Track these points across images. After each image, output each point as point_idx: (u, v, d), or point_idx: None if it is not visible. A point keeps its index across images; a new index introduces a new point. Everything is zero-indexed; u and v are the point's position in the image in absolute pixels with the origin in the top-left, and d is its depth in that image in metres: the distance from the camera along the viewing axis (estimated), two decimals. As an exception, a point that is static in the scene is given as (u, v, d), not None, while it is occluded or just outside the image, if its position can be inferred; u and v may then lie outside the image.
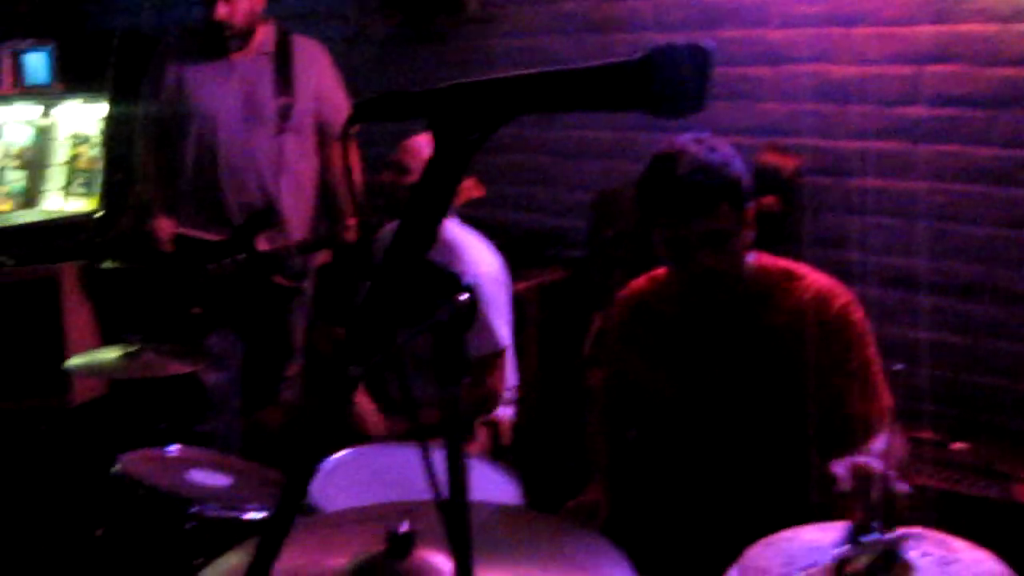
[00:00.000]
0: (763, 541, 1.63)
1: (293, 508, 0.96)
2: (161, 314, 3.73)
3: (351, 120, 0.92)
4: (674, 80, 0.80)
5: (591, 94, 0.85)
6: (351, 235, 3.55)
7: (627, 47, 3.76)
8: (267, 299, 3.71)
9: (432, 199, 0.89)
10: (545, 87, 0.85)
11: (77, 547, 3.27)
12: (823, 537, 1.65)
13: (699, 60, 0.80)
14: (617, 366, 2.42)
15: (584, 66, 0.83)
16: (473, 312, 0.90)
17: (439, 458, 1.04)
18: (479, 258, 2.91)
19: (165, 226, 3.63)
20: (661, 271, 2.34)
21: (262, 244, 3.59)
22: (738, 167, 2.09)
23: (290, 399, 3.82)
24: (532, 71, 0.85)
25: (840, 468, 1.65)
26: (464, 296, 0.89)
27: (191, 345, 3.35)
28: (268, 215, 3.62)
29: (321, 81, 3.71)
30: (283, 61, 3.64)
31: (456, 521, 0.98)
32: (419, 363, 1.78)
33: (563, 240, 4.05)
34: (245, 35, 3.61)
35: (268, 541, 0.97)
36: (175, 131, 3.67)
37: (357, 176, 3.74)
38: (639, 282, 2.38)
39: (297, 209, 3.71)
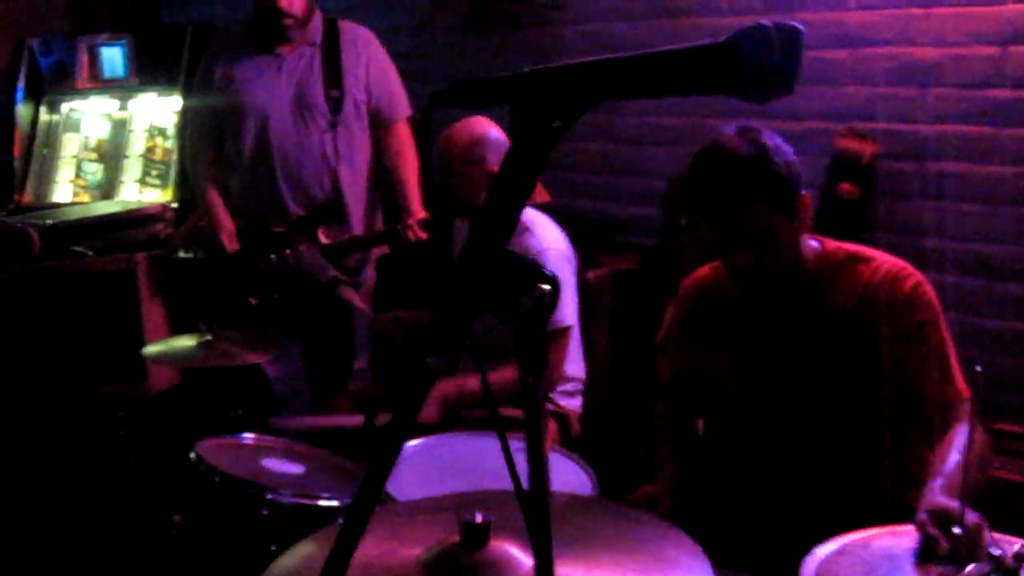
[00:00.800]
0: (836, 547, 1.59)
1: (372, 498, 0.95)
2: (226, 305, 3.78)
3: (430, 107, 0.91)
4: (763, 63, 0.77)
5: (678, 78, 0.83)
6: (415, 233, 3.51)
7: (699, 32, 3.71)
8: (326, 294, 3.73)
9: (512, 187, 0.87)
10: (631, 72, 0.83)
11: (154, 532, 3.33)
12: (897, 544, 1.60)
13: (789, 41, 0.78)
14: (683, 356, 2.39)
15: (671, 49, 0.81)
16: (554, 303, 0.88)
17: (516, 449, 1.03)
18: (547, 235, 2.89)
19: (228, 227, 3.66)
20: None
21: (323, 237, 3.60)
22: (781, 159, 2.01)
23: (357, 390, 3.85)
24: (617, 55, 0.83)
25: (922, 514, 1.61)
26: (546, 286, 0.87)
27: (263, 335, 3.39)
28: (330, 209, 3.63)
29: (371, 69, 3.66)
30: (331, 51, 3.60)
31: (537, 513, 0.97)
32: (497, 353, 1.77)
33: (635, 228, 4.02)
34: (303, 24, 3.58)
35: (348, 531, 0.96)
36: (228, 128, 3.68)
37: (413, 165, 3.69)
38: (703, 271, 2.35)
39: (356, 202, 3.69)
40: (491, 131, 2.93)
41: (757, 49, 0.77)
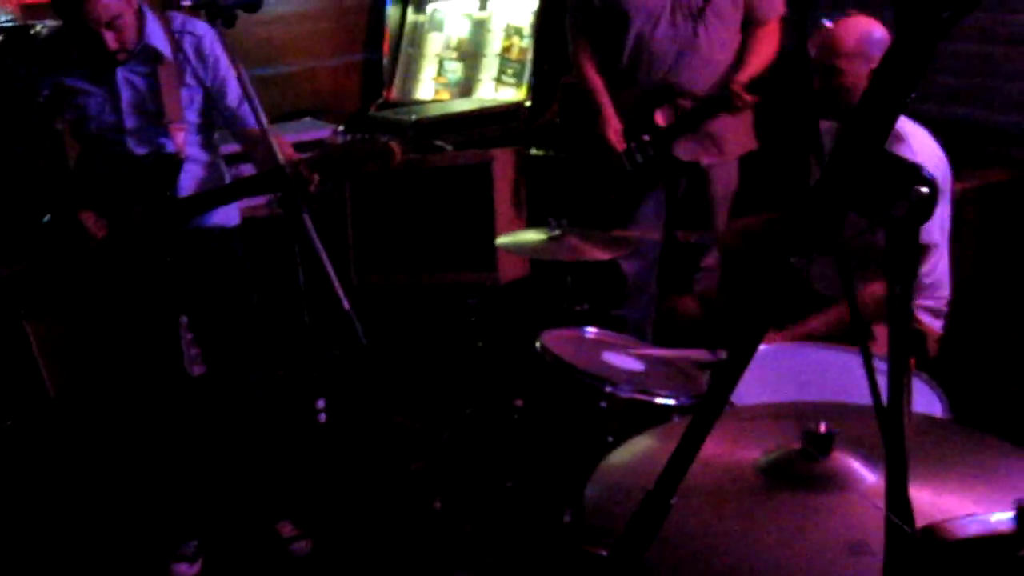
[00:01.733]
0: None
1: (722, 398, 0.95)
2: (583, 201, 3.87)
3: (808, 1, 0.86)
4: None
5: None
6: (743, 97, 3.47)
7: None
8: (672, 176, 3.73)
9: (895, 82, 0.82)
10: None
11: (498, 415, 3.53)
12: None
13: None
14: None
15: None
16: (932, 207, 0.83)
17: (855, 362, 0.98)
18: (924, 150, 2.71)
19: (615, 125, 3.72)
20: None
21: (659, 119, 3.62)
22: None
23: (704, 290, 3.83)
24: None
25: None
26: (924, 189, 0.82)
27: (611, 233, 3.45)
28: (665, 91, 3.61)
29: None
30: None
31: (893, 430, 0.93)
32: (862, 258, 1.70)
33: (1009, 138, 3.67)
34: None
35: (695, 428, 0.97)
36: (608, 31, 3.71)
37: (765, 55, 3.61)
38: None
39: (698, 85, 3.64)
40: (877, 30, 2.77)
41: None
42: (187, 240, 3.02)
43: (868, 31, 2.76)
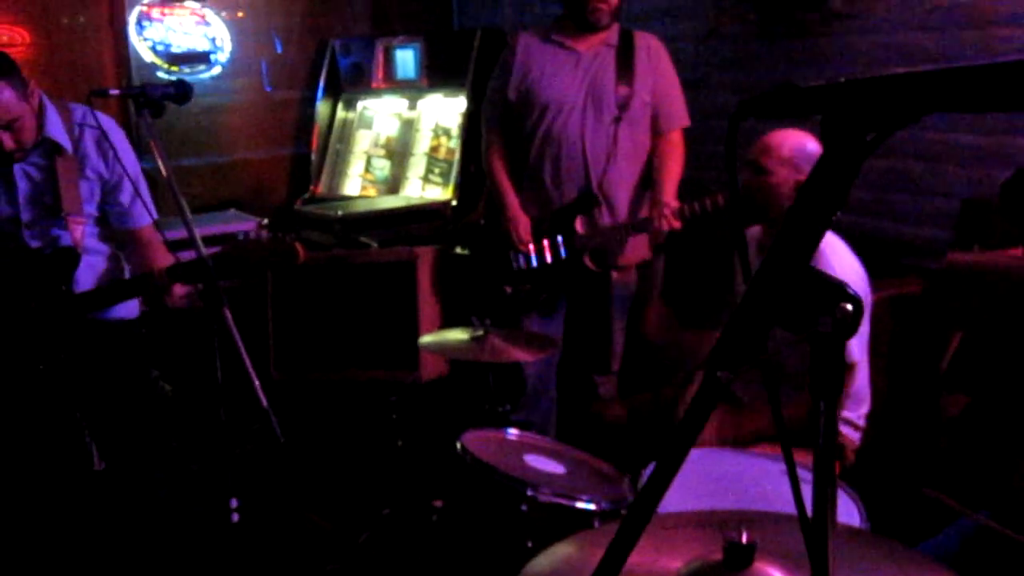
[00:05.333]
0: None
1: (648, 510, 0.94)
2: (487, 295, 3.90)
3: (739, 115, 0.89)
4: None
5: (1006, 92, 0.77)
6: (668, 221, 3.53)
7: (1008, 45, 3.46)
8: (580, 285, 3.78)
9: (821, 199, 0.84)
10: (958, 84, 0.78)
11: (416, 515, 3.46)
12: None
13: None
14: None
15: (998, 62, 0.75)
16: (857, 324, 0.84)
17: (775, 469, 0.99)
18: (844, 264, 2.78)
19: (525, 223, 3.77)
20: None
21: (579, 226, 3.69)
22: None
23: (606, 393, 3.88)
24: (941, 67, 0.78)
25: None
26: (849, 306, 0.83)
27: (534, 333, 3.45)
28: (591, 198, 3.69)
29: (659, 75, 3.74)
30: (625, 54, 3.70)
31: (817, 543, 0.92)
32: (785, 374, 1.72)
33: (922, 250, 3.80)
34: (612, 17, 3.67)
35: (620, 540, 0.96)
36: (521, 121, 3.80)
37: (677, 166, 3.72)
38: None
39: (622, 197, 3.75)
40: (811, 144, 2.87)
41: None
42: (85, 333, 2.93)
43: (802, 143, 2.85)
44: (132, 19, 5.34)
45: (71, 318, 2.87)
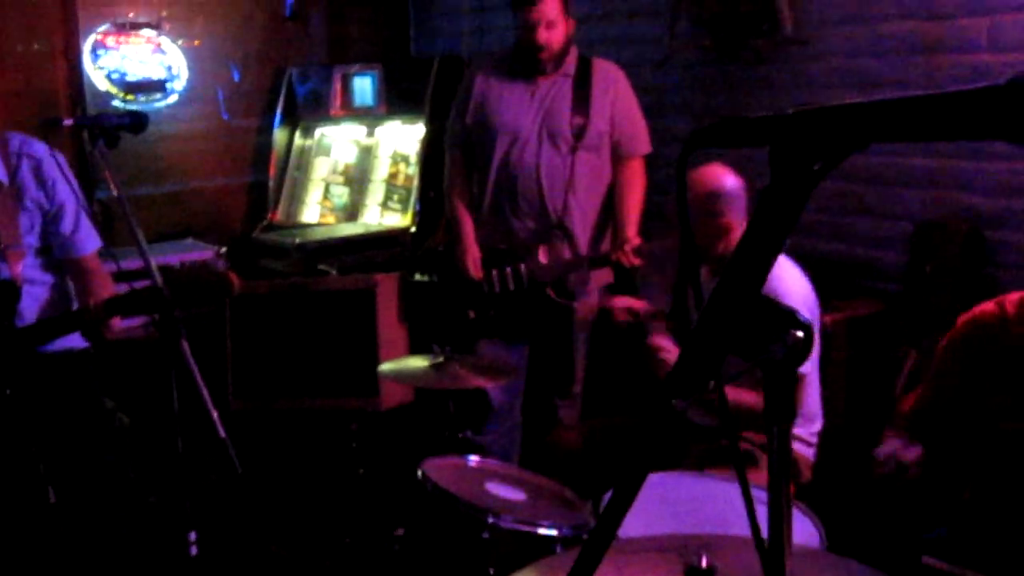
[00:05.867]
0: None
1: (607, 537, 0.95)
2: (450, 321, 3.91)
3: (690, 145, 0.90)
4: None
5: (950, 122, 0.78)
6: (629, 258, 3.57)
7: (956, 70, 3.52)
8: (543, 313, 3.79)
9: (769, 230, 0.85)
10: (902, 114, 0.79)
11: (377, 543, 3.44)
12: None
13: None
14: (948, 385, 2.33)
15: (944, 91, 0.76)
16: (808, 351, 0.85)
17: (733, 492, 0.99)
18: (793, 286, 2.81)
19: (475, 254, 3.78)
20: (1013, 297, 2.30)
21: (542, 256, 3.70)
22: None
23: (568, 418, 3.89)
24: (887, 97, 0.80)
25: None
26: (799, 333, 0.84)
27: (495, 361, 3.46)
28: (556, 230, 3.71)
29: (617, 103, 3.77)
30: (582, 83, 3.74)
31: (774, 566, 0.93)
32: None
33: (877, 272, 3.85)
34: (559, 58, 3.71)
35: (582, 566, 0.96)
36: (479, 149, 3.82)
37: (638, 197, 3.76)
38: (987, 307, 2.35)
39: (582, 227, 3.78)
40: (727, 181, 2.90)
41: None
42: (30, 366, 2.86)
43: (719, 185, 2.90)
44: (87, 47, 5.29)
45: (14, 353, 2.82)
